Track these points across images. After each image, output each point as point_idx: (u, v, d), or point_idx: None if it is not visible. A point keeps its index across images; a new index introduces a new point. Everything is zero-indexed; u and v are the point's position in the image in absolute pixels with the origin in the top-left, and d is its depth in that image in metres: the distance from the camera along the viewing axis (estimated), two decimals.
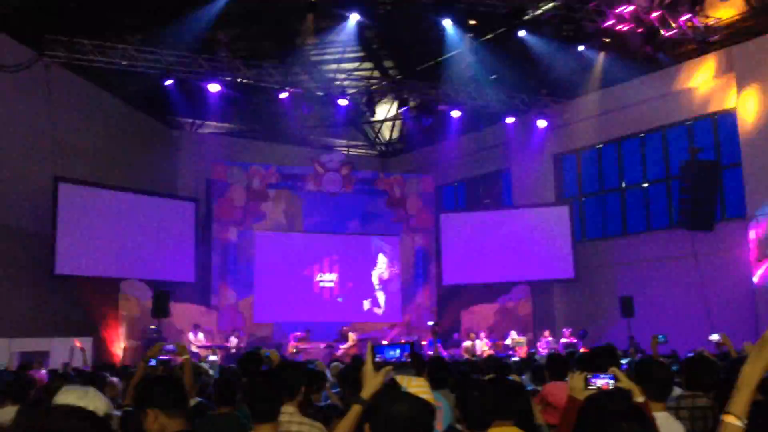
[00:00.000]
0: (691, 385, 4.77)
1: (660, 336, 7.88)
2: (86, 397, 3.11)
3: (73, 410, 1.01)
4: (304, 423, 3.99)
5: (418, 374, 3.19)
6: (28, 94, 16.15)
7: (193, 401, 5.28)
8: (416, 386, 2.37)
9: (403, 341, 17.94)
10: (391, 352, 2.91)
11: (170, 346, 5.63)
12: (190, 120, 22.00)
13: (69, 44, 16.27)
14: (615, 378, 3.19)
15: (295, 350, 17.28)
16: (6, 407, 5.41)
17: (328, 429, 4.12)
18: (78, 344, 13.62)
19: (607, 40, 16.78)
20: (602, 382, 3.19)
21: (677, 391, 4.90)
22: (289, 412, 3.94)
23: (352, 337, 17.91)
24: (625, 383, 3.22)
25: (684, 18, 16.13)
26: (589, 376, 3.23)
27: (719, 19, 16.48)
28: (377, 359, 2.87)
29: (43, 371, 10.15)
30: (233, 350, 16.95)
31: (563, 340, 17.09)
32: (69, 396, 3.06)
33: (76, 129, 17.28)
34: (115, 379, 6.00)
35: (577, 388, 3.25)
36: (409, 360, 2.87)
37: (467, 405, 3.52)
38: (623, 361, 7.92)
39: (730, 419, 2.19)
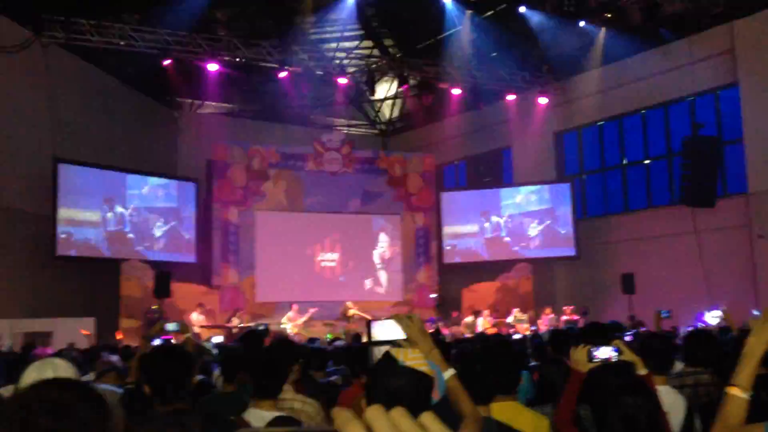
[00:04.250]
0: (692, 360, 4.78)
1: (663, 311, 7.89)
2: (46, 369, 3.15)
3: (41, 383, 1.00)
4: (296, 399, 4.04)
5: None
6: (26, 74, 16.06)
7: (196, 379, 5.29)
8: (412, 359, 2.38)
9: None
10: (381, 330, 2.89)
11: (171, 325, 5.62)
12: (190, 100, 21.89)
13: (67, 24, 16.16)
14: (618, 350, 3.18)
15: (296, 330, 17.30)
16: (10, 386, 5.44)
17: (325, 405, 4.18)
18: (84, 332, 13.84)
19: (609, 15, 16.63)
20: (605, 354, 3.17)
21: (678, 366, 4.91)
22: (284, 389, 4.02)
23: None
24: (629, 356, 3.20)
25: None
26: (591, 348, 3.21)
27: None
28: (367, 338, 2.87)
29: (50, 349, 10.20)
30: (235, 330, 16.97)
31: (564, 318, 17.11)
32: (32, 372, 3.10)
33: (75, 109, 17.20)
34: (114, 358, 6.00)
35: (579, 360, 3.24)
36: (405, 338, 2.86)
37: (468, 380, 3.51)
38: (627, 334, 7.97)
39: (735, 391, 2.18)
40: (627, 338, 7.85)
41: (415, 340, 2.78)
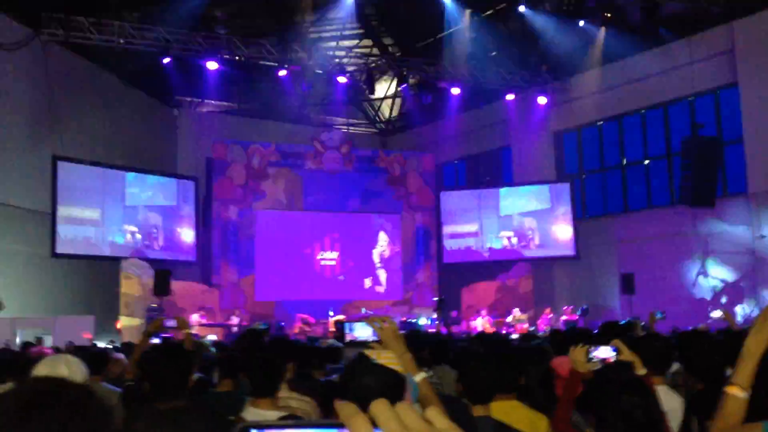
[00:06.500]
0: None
1: (658, 313, 7.88)
2: (58, 365, 3.16)
3: (42, 378, 1.00)
4: (291, 398, 4.07)
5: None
6: (25, 72, 16.04)
7: (194, 376, 5.29)
8: (385, 358, 2.39)
9: (405, 319, 17.63)
10: (361, 331, 2.92)
11: (170, 322, 5.62)
12: (189, 98, 21.89)
13: (66, 22, 16.11)
14: (617, 350, 3.17)
15: (298, 331, 17.29)
16: (7, 383, 5.43)
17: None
18: (86, 335, 13.92)
19: (608, 15, 16.62)
20: (604, 354, 3.17)
21: (675, 365, 4.91)
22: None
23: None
24: (627, 355, 3.20)
25: None
26: (590, 348, 3.21)
27: None
28: (348, 338, 2.89)
29: (49, 348, 10.19)
30: (235, 328, 16.99)
31: (564, 318, 17.12)
32: (43, 368, 3.12)
33: (74, 108, 17.18)
34: (120, 355, 5.99)
35: (578, 360, 3.24)
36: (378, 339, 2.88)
37: (468, 379, 3.51)
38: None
39: (734, 390, 2.17)
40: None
41: (388, 343, 2.79)
